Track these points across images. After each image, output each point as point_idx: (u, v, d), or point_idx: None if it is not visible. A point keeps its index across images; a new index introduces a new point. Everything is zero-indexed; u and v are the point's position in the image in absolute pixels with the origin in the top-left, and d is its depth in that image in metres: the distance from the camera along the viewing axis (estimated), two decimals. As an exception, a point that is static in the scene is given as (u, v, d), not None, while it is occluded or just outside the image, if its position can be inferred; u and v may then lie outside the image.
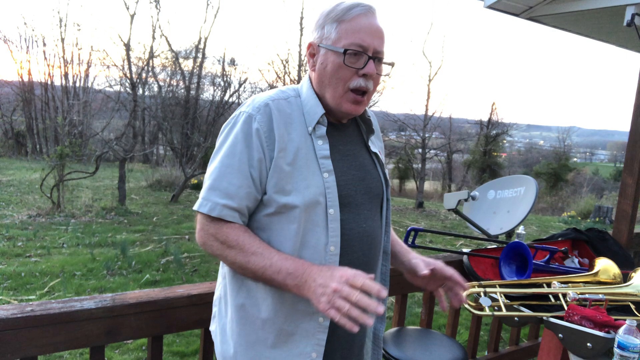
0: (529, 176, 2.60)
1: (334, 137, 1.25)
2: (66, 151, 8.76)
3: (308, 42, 1.25)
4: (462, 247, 6.90)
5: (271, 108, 1.18)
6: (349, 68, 1.17)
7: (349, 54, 1.16)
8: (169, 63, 15.10)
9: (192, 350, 3.80)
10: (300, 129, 1.20)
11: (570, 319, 1.59)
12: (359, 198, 1.25)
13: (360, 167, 1.28)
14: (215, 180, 1.15)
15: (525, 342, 2.92)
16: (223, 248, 1.14)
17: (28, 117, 17.65)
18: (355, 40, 1.16)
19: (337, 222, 1.17)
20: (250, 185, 1.14)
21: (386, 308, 4.90)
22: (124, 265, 5.86)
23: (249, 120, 1.17)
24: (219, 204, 1.13)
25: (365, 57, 1.17)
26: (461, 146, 20.99)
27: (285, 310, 1.17)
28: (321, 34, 1.21)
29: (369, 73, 1.17)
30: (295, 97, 1.25)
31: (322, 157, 1.20)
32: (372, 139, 1.36)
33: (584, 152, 60.34)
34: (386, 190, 1.35)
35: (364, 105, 1.23)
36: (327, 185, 1.17)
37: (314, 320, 1.18)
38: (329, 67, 1.19)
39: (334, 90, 1.20)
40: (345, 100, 1.20)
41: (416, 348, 1.89)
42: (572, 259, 2.42)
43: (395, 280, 2.21)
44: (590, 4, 2.70)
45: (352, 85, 1.18)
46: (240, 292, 1.22)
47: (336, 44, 1.18)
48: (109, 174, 13.08)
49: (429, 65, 13.89)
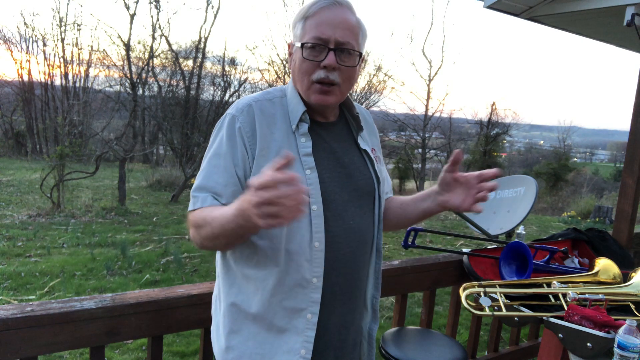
0: (529, 176, 2.60)
1: (319, 135, 1.26)
2: (66, 151, 8.77)
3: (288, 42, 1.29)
4: (462, 247, 6.89)
5: (254, 109, 1.20)
6: (310, 61, 1.18)
7: (307, 47, 1.18)
8: (169, 63, 15.09)
9: (192, 350, 3.80)
10: (283, 128, 1.21)
11: (570, 319, 1.59)
12: (345, 195, 1.24)
13: (347, 165, 1.28)
14: (203, 180, 1.17)
15: (525, 342, 2.92)
16: (200, 231, 1.13)
17: (28, 117, 17.65)
18: (315, 33, 1.17)
19: (320, 218, 1.17)
20: (237, 183, 1.16)
21: (384, 308, 4.89)
22: (124, 265, 5.86)
23: (232, 121, 1.19)
24: (205, 197, 1.15)
25: (326, 49, 1.17)
26: (461, 146, 20.97)
27: (274, 305, 1.18)
28: (294, 32, 1.25)
29: (327, 65, 1.17)
30: (280, 98, 1.27)
31: (305, 154, 1.20)
32: (362, 136, 1.36)
33: (584, 152, 60.33)
34: (378, 188, 1.33)
35: (334, 95, 1.22)
36: (309, 182, 1.17)
37: (303, 317, 1.18)
38: (297, 63, 1.22)
39: (301, 84, 1.22)
40: (312, 92, 1.21)
41: (416, 348, 1.89)
42: (572, 259, 2.42)
43: (395, 280, 2.22)
44: (590, 4, 2.70)
45: (314, 78, 1.19)
46: (232, 289, 1.23)
47: (301, 40, 1.20)
48: (109, 174, 13.07)
49: (429, 65, 13.89)
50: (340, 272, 1.22)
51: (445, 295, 5.05)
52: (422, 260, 2.30)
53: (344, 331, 1.27)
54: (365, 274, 1.32)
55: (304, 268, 1.17)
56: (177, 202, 10.45)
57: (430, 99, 14.06)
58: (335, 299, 1.22)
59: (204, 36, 14.37)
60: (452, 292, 2.52)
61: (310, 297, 1.18)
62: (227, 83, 14.53)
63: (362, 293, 1.32)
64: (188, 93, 14.83)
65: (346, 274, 1.24)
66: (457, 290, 2.44)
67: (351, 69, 1.21)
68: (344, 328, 1.26)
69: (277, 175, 0.90)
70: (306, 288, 1.17)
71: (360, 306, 1.32)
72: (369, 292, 1.35)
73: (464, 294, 1.68)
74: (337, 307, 1.23)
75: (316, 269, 1.17)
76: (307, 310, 1.18)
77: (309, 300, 1.18)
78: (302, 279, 1.17)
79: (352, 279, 1.26)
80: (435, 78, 14.12)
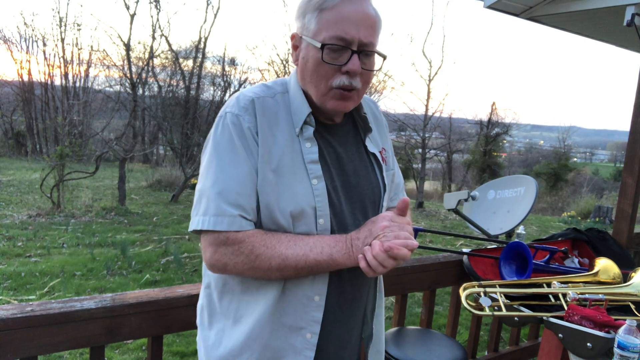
0: (529, 176, 2.60)
1: (325, 139, 1.13)
2: (66, 151, 8.77)
3: (292, 33, 1.12)
4: (462, 247, 6.90)
5: (255, 106, 1.07)
6: (330, 65, 1.03)
7: (328, 49, 1.02)
8: (169, 63, 15.11)
9: (192, 350, 3.80)
10: (286, 130, 1.08)
11: (570, 319, 1.59)
12: (350, 206, 1.13)
13: (353, 172, 1.16)
14: (223, 192, 1.03)
15: (525, 342, 2.92)
16: (252, 259, 1.03)
17: (28, 117, 17.64)
18: (336, 32, 1.01)
19: (327, 232, 1.08)
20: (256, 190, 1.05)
21: (384, 308, 4.87)
22: (124, 265, 5.86)
23: (238, 120, 1.06)
24: (236, 217, 1.02)
25: (348, 51, 1.02)
26: (461, 146, 20.97)
27: (270, 324, 1.09)
28: (302, 23, 1.07)
29: (352, 70, 1.03)
30: (282, 94, 1.12)
31: (310, 161, 1.07)
32: (371, 138, 1.24)
33: (584, 152, 60.33)
34: (384, 195, 1.22)
35: (353, 100, 1.09)
36: (316, 193, 1.06)
37: (302, 336, 1.10)
38: (310, 63, 1.06)
39: (316, 88, 1.07)
40: (329, 98, 1.07)
41: (416, 348, 1.89)
42: (572, 259, 2.42)
43: (395, 280, 2.22)
44: (590, 4, 2.70)
45: (335, 84, 1.05)
46: (231, 304, 1.13)
47: (316, 36, 1.03)
48: (109, 174, 13.07)
49: (429, 65, 13.85)
50: (343, 290, 1.14)
51: (445, 295, 5.05)
52: (422, 260, 2.30)
53: (341, 352, 1.19)
54: (367, 290, 1.24)
55: (306, 285, 1.09)
56: (177, 202, 10.45)
57: (430, 99, 14.02)
58: (335, 319, 1.14)
59: (204, 36, 14.40)
60: (452, 292, 2.52)
61: (312, 316, 1.10)
62: (227, 83, 14.55)
63: (361, 310, 1.23)
64: (188, 93, 14.84)
65: (348, 293, 1.16)
66: (457, 290, 2.44)
67: (372, 72, 1.09)
68: (342, 348, 1.18)
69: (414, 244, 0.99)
70: (307, 306, 1.09)
71: (359, 323, 1.24)
72: (369, 307, 1.27)
73: (464, 294, 1.68)
74: (337, 327, 1.15)
75: (319, 286, 1.09)
76: (306, 330, 1.10)
77: (309, 319, 1.10)
78: (304, 296, 1.09)
79: (354, 297, 1.18)
80: (435, 78, 14.07)
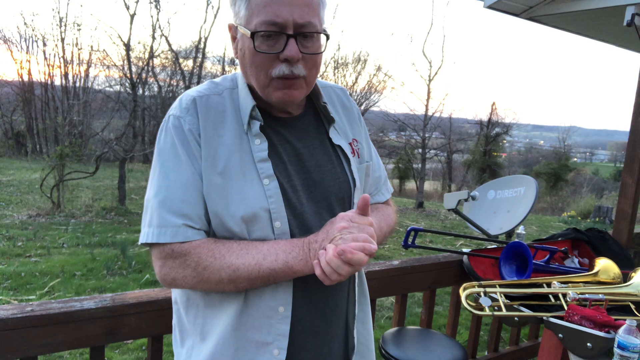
0: (529, 176, 2.60)
1: (279, 134, 1.04)
2: (66, 151, 8.77)
3: (228, 23, 1.01)
4: (462, 247, 6.90)
5: (198, 105, 0.99)
6: (265, 54, 0.93)
7: (260, 36, 0.92)
8: (169, 63, 15.10)
9: (192, 350, 3.80)
10: (234, 129, 1.00)
11: (570, 319, 1.59)
12: (313, 205, 1.04)
13: (315, 168, 1.06)
14: (166, 201, 0.96)
15: (525, 342, 2.92)
16: (200, 272, 0.95)
17: (28, 117, 17.66)
18: (266, 16, 0.90)
19: (286, 236, 0.98)
20: (203, 196, 0.98)
21: (384, 308, 4.88)
22: (124, 265, 5.86)
23: (178, 122, 0.99)
24: (180, 227, 0.95)
25: (284, 36, 0.92)
26: (461, 146, 20.99)
27: (235, 340, 1.00)
28: (235, 11, 0.97)
29: (290, 57, 0.92)
30: (231, 89, 1.04)
31: (260, 160, 0.99)
32: (337, 127, 1.13)
33: (584, 152, 60.38)
34: (354, 191, 1.11)
35: (300, 89, 0.98)
36: (269, 194, 0.97)
37: (269, 352, 1.00)
38: (247, 54, 0.96)
39: (257, 80, 0.97)
40: (272, 89, 0.97)
41: (416, 348, 1.89)
42: (572, 259, 2.42)
43: (395, 280, 2.22)
44: (590, 4, 2.69)
45: (274, 74, 0.94)
46: (197, 319, 1.05)
47: (248, 24, 0.93)
48: (109, 174, 13.06)
49: (429, 65, 13.85)
50: (312, 299, 1.04)
51: (445, 295, 5.05)
52: (422, 260, 2.30)
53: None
54: (344, 296, 1.12)
55: (268, 295, 0.99)
56: (177, 202, 10.44)
57: (430, 99, 14.02)
58: (306, 330, 1.03)
59: (204, 36, 14.38)
60: (452, 292, 2.52)
61: (278, 329, 1.00)
62: (227, 83, 14.50)
63: (341, 318, 1.11)
64: (188, 93, 14.81)
65: (318, 301, 1.05)
66: (457, 290, 2.44)
67: (317, 55, 0.97)
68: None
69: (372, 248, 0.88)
70: (272, 318, 0.99)
71: (340, 333, 1.12)
72: (350, 315, 1.15)
73: (464, 294, 1.68)
74: (310, 339, 1.04)
75: (282, 295, 0.99)
76: (273, 345, 1.00)
77: (275, 332, 0.99)
78: (267, 307, 0.99)
79: (326, 305, 1.06)
80: (435, 78, 14.08)
